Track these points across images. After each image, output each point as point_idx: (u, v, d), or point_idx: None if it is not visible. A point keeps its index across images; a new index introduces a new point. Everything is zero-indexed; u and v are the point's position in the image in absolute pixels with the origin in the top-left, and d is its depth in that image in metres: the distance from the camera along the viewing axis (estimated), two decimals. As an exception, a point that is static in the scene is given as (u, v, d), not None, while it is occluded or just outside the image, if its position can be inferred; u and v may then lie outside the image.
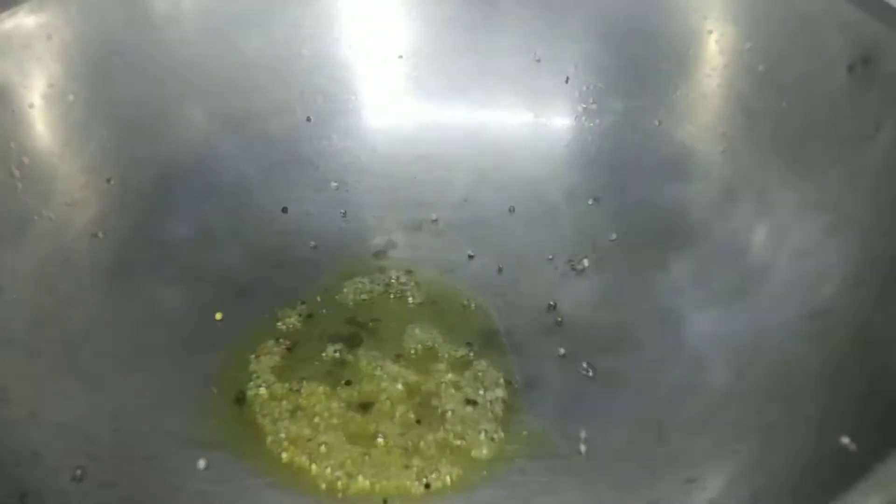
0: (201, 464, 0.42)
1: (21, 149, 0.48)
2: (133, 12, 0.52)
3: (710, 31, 0.52)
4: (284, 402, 0.45)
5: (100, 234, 0.50)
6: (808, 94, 0.48)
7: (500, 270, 0.52)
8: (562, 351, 0.47)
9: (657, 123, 0.54)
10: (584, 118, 0.56)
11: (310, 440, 0.43)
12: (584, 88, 0.56)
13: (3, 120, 0.47)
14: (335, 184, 0.56)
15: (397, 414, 0.44)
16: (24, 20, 0.48)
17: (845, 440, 0.36)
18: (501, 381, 0.46)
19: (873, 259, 0.42)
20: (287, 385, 0.46)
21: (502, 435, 0.43)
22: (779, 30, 0.49)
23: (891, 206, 0.42)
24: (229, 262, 0.52)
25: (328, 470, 0.42)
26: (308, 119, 0.57)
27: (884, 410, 0.37)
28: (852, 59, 0.45)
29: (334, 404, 0.45)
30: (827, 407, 0.39)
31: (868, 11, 0.44)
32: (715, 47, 0.52)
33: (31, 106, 0.49)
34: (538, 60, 0.57)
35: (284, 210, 0.55)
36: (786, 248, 0.46)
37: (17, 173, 0.47)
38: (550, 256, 0.52)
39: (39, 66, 0.49)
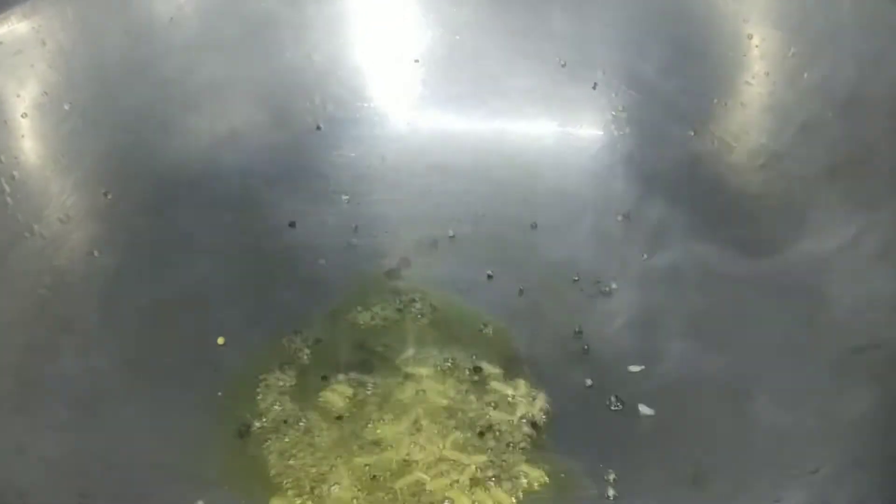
0: (199, 504, 0.39)
1: (12, 162, 0.45)
2: (133, 16, 0.49)
3: (751, 36, 0.48)
4: (290, 436, 0.42)
5: (95, 253, 0.47)
6: (858, 105, 0.44)
7: (521, 292, 0.48)
8: (588, 382, 0.44)
9: (692, 133, 0.50)
10: (612, 127, 0.52)
11: (316, 478, 0.40)
12: (614, 95, 0.52)
13: (-6, 133, 0.44)
14: (346, 196, 0.53)
15: (409, 451, 0.41)
16: (17, 25, 0.45)
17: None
18: (523, 415, 0.42)
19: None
20: (293, 417, 0.43)
21: (523, 476, 0.40)
22: (825, 35, 0.45)
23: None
24: (233, 281, 0.49)
25: None
26: (318, 128, 0.54)
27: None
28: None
29: (342, 440, 0.41)
30: (882, 453, 0.35)
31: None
32: (756, 53, 0.48)
33: (24, 116, 0.46)
34: (563, 65, 0.53)
35: (292, 225, 0.51)
36: (831, 272, 0.42)
37: (7, 188, 0.45)
38: (576, 277, 0.49)
39: (33, 73, 0.46)
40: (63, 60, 0.47)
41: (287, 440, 0.42)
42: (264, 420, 0.43)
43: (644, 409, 0.42)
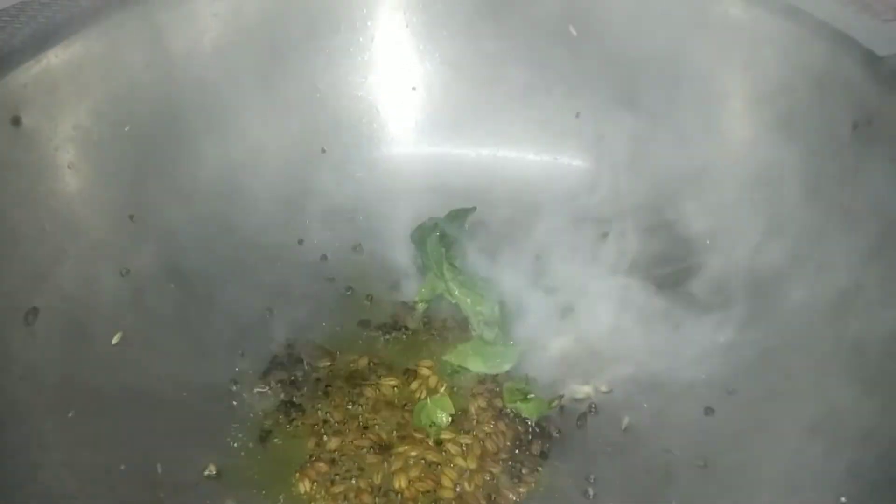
0: (230, 504, 0.44)
1: (48, 191, 0.49)
2: (153, 52, 0.53)
3: (723, 76, 0.53)
4: (306, 442, 0.47)
5: (125, 272, 0.51)
6: (816, 145, 0.49)
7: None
8: (573, 390, 0.49)
9: (667, 159, 0.55)
10: (594, 153, 0.57)
11: (332, 482, 0.45)
12: (595, 124, 0.57)
13: (32, 164, 0.48)
14: (349, 215, 0.57)
15: (413, 457, 0.46)
16: (51, 65, 0.49)
17: (843, 500, 0.38)
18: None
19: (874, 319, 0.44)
20: (307, 424, 0.48)
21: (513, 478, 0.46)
22: (788, 80, 0.50)
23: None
24: (248, 295, 0.53)
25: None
26: (322, 150, 0.58)
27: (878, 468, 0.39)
28: (856, 117, 0.46)
29: (353, 445, 0.46)
30: (829, 463, 0.41)
31: (874, 75, 0.45)
32: (727, 90, 0.53)
33: (57, 149, 0.50)
34: (549, 93, 0.58)
35: (300, 242, 0.56)
36: (786, 292, 0.48)
37: (45, 216, 0.49)
38: (557, 289, 0.53)
39: (65, 109, 0.50)
40: (91, 96, 0.51)
41: (302, 446, 0.46)
42: (281, 427, 0.47)
43: (624, 419, 0.47)
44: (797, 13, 0.49)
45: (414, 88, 0.59)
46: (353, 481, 0.45)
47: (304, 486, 0.44)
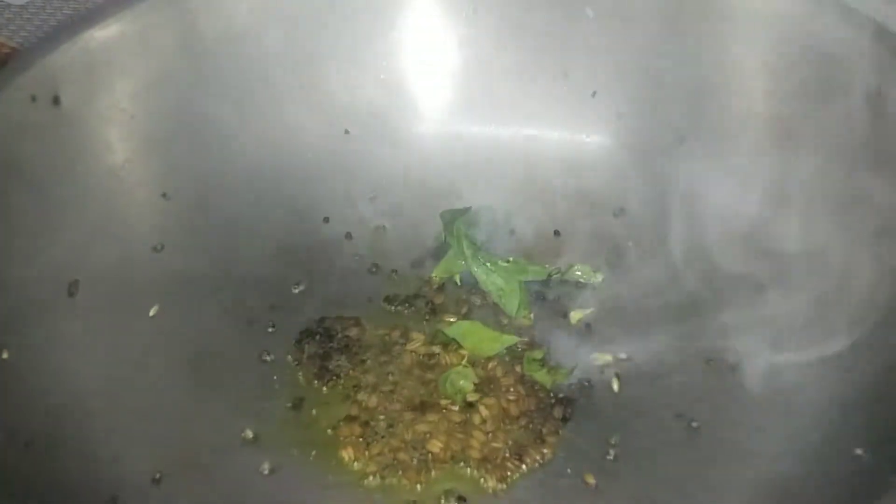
0: (265, 467, 0.46)
1: (87, 170, 0.51)
2: (186, 36, 0.54)
3: (735, 51, 0.55)
4: (340, 406, 0.49)
5: (159, 248, 0.53)
6: (826, 116, 0.50)
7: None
8: (595, 359, 0.51)
9: (681, 139, 0.57)
10: (610, 132, 0.59)
11: (368, 443, 0.47)
12: (611, 103, 0.59)
13: (72, 143, 0.50)
14: (374, 194, 0.59)
15: (442, 421, 0.47)
16: (88, 47, 0.51)
17: (859, 451, 0.40)
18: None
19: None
20: (340, 390, 0.49)
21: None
22: (799, 54, 0.52)
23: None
24: (277, 272, 0.55)
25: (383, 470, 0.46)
26: (346, 132, 0.60)
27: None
28: (868, 89, 0.48)
29: (385, 408, 0.48)
30: (844, 420, 0.43)
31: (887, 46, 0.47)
32: (739, 68, 0.55)
33: (94, 128, 0.52)
34: (566, 75, 0.59)
35: (326, 220, 0.58)
36: (798, 280, 0.49)
37: (84, 192, 0.51)
38: (579, 271, 0.55)
39: (102, 90, 0.52)
40: (127, 77, 0.53)
41: (336, 411, 0.48)
42: (315, 393, 0.49)
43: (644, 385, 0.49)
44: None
45: (437, 72, 0.60)
46: (388, 438, 0.46)
47: (345, 451, 0.46)
